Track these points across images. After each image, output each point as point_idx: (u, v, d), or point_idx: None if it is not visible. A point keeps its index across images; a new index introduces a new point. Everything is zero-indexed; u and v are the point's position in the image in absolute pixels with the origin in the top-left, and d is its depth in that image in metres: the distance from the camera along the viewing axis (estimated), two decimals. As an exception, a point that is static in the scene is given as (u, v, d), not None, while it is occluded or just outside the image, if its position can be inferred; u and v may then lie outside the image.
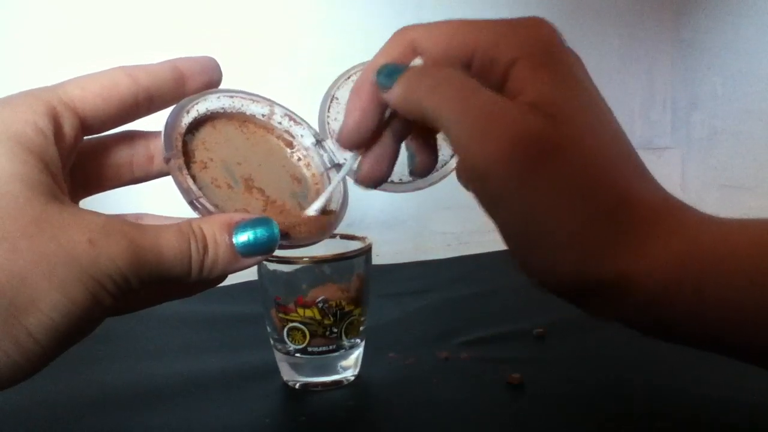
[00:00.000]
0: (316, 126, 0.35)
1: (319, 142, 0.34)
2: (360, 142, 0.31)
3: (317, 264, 0.47)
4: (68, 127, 0.27)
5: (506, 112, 0.25)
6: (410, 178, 0.35)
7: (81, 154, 0.30)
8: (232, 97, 0.32)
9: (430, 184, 0.35)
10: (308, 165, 0.34)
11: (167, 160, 0.29)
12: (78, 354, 0.23)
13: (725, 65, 1.04)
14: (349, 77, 0.35)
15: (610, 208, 0.25)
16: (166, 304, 0.31)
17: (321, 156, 0.34)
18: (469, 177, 0.27)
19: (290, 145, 0.34)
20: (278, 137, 0.34)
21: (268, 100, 0.33)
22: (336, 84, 0.35)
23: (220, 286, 0.31)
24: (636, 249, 0.25)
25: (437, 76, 0.27)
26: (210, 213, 0.28)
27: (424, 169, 0.33)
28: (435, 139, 0.33)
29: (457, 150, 0.27)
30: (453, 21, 0.29)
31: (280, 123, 0.33)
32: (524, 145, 0.25)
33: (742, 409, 0.45)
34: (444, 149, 0.35)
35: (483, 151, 0.25)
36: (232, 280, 0.34)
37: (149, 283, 0.25)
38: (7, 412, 0.46)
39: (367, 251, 0.49)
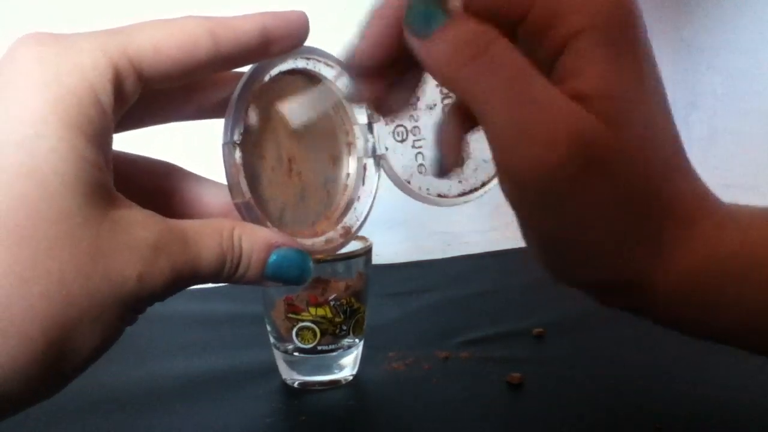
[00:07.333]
0: None
1: (370, 124, 0.32)
2: (371, 70, 0.26)
3: (318, 264, 0.47)
4: (128, 93, 0.23)
5: (559, 113, 0.22)
6: (436, 194, 0.33)
7: None
8: (308, 59, 0.30)
9: (453, 204, 0.34)
10: (350, 145, 0.32)
11: (224, 146, 0.27)
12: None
13: (725, 65, 1.04)
14: None
15: (650, 213, 0.24)
16: (166, 304, 0.31)
17: (367, 140, 0.32)
18: (506, 180, 0.24)
19: (343, 115, 0.32)
20: (336, 103, 0.32)
21: (342, 63, 0.31)
22: None
23: (220, 286, 0.31)
24: (663, 251, 0.25)
25: (488, 51, 0.23)
26: (249, 218, 0.27)
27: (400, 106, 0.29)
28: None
29: (496, 149, 0.24)
30: None
31: (341, 91, 0.31)
32: (575, 154, 0.22)
33: (743, 409, 0.45)
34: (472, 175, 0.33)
35: (528, 157, 0.22)
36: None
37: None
38: (7, 412, 0.46)
39: (367, 251, 0.50)
